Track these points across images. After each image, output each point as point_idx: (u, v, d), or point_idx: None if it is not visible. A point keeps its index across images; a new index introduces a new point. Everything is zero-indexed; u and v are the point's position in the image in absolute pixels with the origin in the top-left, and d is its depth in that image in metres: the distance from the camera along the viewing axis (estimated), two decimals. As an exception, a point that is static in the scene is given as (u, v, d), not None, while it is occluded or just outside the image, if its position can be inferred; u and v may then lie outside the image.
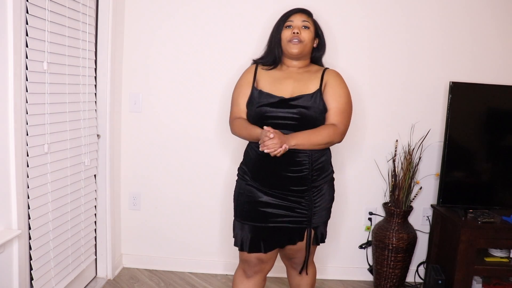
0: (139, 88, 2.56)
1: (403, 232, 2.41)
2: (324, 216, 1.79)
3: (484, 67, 2.51)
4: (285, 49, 1.75)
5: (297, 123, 1.67)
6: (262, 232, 1.72)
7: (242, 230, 1.75)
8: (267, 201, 1.70)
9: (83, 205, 2.25)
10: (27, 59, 1.71)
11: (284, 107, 1.67)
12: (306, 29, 1.74)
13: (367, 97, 2.53)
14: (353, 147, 2.57)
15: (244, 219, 1.74)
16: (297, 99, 1.68)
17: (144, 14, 2.49)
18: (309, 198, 1.70)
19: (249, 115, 1.75)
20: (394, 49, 2.50)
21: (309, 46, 1.76)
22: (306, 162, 1.67)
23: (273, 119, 1.67)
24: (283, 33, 1.74)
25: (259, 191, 1.71)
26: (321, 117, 1.70)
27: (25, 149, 1.74)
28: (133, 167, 2.63)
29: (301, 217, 1.71)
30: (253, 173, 1.73)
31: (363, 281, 2.67)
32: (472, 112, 2.32)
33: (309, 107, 1.67)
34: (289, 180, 1.68)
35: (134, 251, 2.71)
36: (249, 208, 1.73)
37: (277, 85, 1.74)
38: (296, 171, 1.67)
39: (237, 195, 1.79)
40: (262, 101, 1.70)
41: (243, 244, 1.74)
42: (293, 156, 1.65)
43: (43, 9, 1.78)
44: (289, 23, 1.74)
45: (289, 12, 1.77)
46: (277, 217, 1.70)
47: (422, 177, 2.55)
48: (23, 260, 1.74)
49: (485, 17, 2.48)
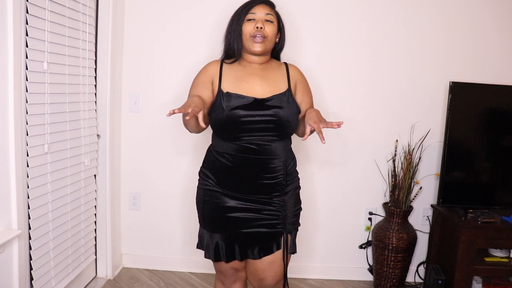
0: (139, 88, 2.56)
1: (403, 232, 2.41)
2: (296, 222, 1.68)
3: (484, 67, 2.51)
4: (247, 45, 1.58)
5: (274, 126, 1.54)
6: (235, 238, 1.61)
7: (212, 240, 1.62)
8: (235, 205, 1.58)
9: (83, 205, 2.25)
10: (27, 59, 1.71)
11: (259, 109, 1.53)
12: (269, 23, 1.58)
13: (367, 97, 2.53)
14: (353, 147, 2.57)
15: (213, 229, 1.62)
16: (271, 99, 1.55)
17: (144, 14, 2.49)
18: (281, 201, 1.60)
19: (216, 121, 1.56)
20: (394, 49, 2.50)
21: (272, 42, 1.61)
22: (281, 168, 1.58)
23: (248, 124, 1.52)
24: (244, 26, 1.57)
25: (224, 195, 1.59)
26: (295, 119, 1.60)
27: (25, 149, 1.74)
28: (133, 167, 2.63)
29: (274, 219, 1.59)
30: (221, 180, 1.60)
31: (363, 281, 2.67)
32: (472, 112, 2.32)
33: (283, 107, 1.55)
34: (263, 187, 1.58)
35: (134, 251, 2.71)
36: (216, 216, 1.60)
37: (243, 84, 1.58)
38: (271, 177, 1.57)
39: (201, 202, 1.65)
40: (232, 103, 1.52)
41: (219, 254, 1.62)
42: (269, 162, 1.56)
43: (43, 9, 1.78)
44: (251, 16, 1.57)
45: (251, 3, 1.59)
46: (248, 222, 1.58)
47: (422, 177, 2.55)
48: (23, 260, 1.74)
49: (485, 17, 2.48)
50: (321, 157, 2.58)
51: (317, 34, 2.48)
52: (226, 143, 1.58)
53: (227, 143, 1.58)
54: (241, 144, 1.55)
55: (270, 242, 1.61)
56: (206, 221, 1.65)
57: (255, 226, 1.59)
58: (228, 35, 1.64)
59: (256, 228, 1.59)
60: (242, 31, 1.58)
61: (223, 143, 1.59)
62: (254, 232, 1.59)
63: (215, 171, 1.62)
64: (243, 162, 1.55)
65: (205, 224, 1.66)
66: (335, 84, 2.51)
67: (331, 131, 2.54)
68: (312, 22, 2.47)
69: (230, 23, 1.64)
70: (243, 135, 1.54)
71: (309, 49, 2.49)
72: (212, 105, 1.57)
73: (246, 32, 1.58)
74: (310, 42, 2.49)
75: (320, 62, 2.49)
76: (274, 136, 1.56)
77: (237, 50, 1.61)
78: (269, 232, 1.60)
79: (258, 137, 1.54)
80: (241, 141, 1.55)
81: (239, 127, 1.53)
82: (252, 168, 1.55)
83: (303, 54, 2.48)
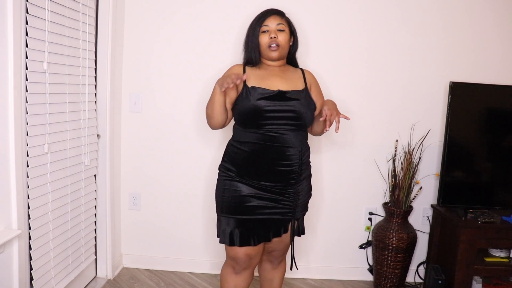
0: (139, 88, 2.56)
1: (403, 232, 2.41)
2: (304, 209, 1.89)
3: (484, 67, 2.51)
4: (265, 54, 1.81)
5: (293, 116, 1.72)
6: (249, 225, 1.75)
7: (229, 225, 1.77)
8: (253, 194, 1.74)
9: (83, 205, 2.25)
10: (27, 59, 1.71)
11: (280, 100, 1.72)
12: (281, 32, 1.79)
13: (367, 97, 2.53)
14: (353, 147, 2.57)
15: (231, 213, 1.76)
16: (291, 92, 1.75)
17: (144, 14, 2.49)
18: (294, 190, 1.78)
19: (241, 111, 1.74)
20: (394, 49, 2.50)
21: (286, 48, 1.83)
22: (296, 157, 1.75)
23: (271, 113, 1.70)
24: (261, 38, 1.79)
25: (243, 185, 1.75)
26: (311, 113, 1.78)
27: (25, 149, 1.74)
28: (133, 167, 2.63)
29: (286, 208, 1.78)
30: (242, 169, 1.75)
31: (363, 281, 2.67)
32: (472, 112, 2.32)
33: (301, 100, 1.75)
34: (279, 174, 1.74)
35: (134, 251, 2.71)
36: (235, 202, 1.76)
37: (266, 81, 1.77)
38: (287, 165, 1.73)
39: (221, 191, 1.81)
40: (257, 95, 1.71)
41: (233, 239, 1.75)
42: (285, 151, 1.72)
43: (43, 9, 1.78)
44: (265, 28, 1.79)
45: (263, 16, 1.81)
46: (263, 209, 1.75)
47: (422, 177, 2.56)
48: (23, 260, 1.74)
49: (485, 17, 2.48)
50: (321, 157, 2.58)
51: (317, 34, 2.48)
52: (248, 133, 1.75)
53: (248, 133, 1.75)
54: (262, 133, 1.72)
55: (280, 227, 1.81)
56: (224, 208, 1.79)
57: (269, 214, 1.76)
58: (246, 45, 1.85)
59: (270, 215, 1.77)
60: (260, 43, 1.80)
61: (244, 133, 1.76)
62: (268, 218, 1.77)
63: (235, 162, 1.78)
64: (263, 150, 1.72)
65: (222, 210, 1.80)
66: (335, 84, 2.51)
67: (331, 131, 2.55)
68: (312, 22, 2.47)
69: (247, 34, 1.85)
70: (264, 123, 1.71)
71: (310, 49, 2.49)
72: (238, 98, 1.76)
73: (263, 43, 1.80)
74: (311, 42, 2.49)
75: (320, 62, 2.49)
76: (292, 126, 1.73)
77: (255, 58, 1.83)
78: (281, 219, 1.80)
79: (278, 126, 1.71)
80: (262, 130, 1.72)
81: (262, 116, 1.70)
82: (270, 155, 1.72)
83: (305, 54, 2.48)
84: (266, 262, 1.99)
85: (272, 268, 1.99)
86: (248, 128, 1.75)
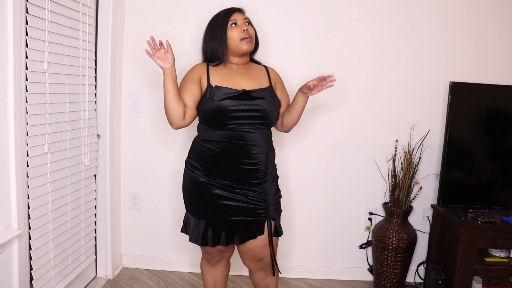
0: (139, 88, 2.56)
1: (403, 232, 2.41)
2: (278, 208, 1.85)
3: (484, 67, 2.51)
4: (237, 47, 1.76)
5: (258, 115, 1.72)
6: (221, 225, 1.78)
7: (199, 226, 1.80)
8: (222, 194, 1.74)
9: (83, 205, 2.25)
10: (27, 59, 1.71)
11: (246, 99, 1.72)
12: (249, 25, 1.80)
13: (367, 97, 2.53)
14: (353, 147, 2.57)
15: (201, 216, 1.79)
16: (256, 91, 1.75)
17: (144, 14, 2.49)
18: (263, 190, 1.77)
19: (206, 111, 1.72)
20: (394, 49, 2.50)
21: (254, 40, 1.82)
22: (261, 156, 1.75)
23: (236, 112, 1.69)
24: (230, 32, 1.75)
25: (211, 186, 1.75)
26: (276, 110, 1.79)
27: (25, 149, 1.74)
28: (133, 167, 2.63)
29: (257, 209, 1.76)
30: (208, 167, 1.75)
31: (363, 281, 2.67)
32: (472, 112, 2.32)
33: (266, 99, 1.76)
34: (245, 173, 1.73)
35: (134, 251, 2.71)
36: (204, 205, 1.77)
37: (230, 80, 1.76)
38: (253, 163, 1.73)
39: (189, 192, 1.81)
40: (221, 95, 1.70)
41: (205, 240, 1.79)
42: (251, 149, 1.72)
43: (43, 9, 1.78)
44: (233, 22, 1.77)
45: (229, 11, 1.79)
46: (234, 210, 1.75)
47: (422, 177, 2.56)
48: (23, 260, 1.74)
49: (485, 17, 2.48)
50: (321, 157, 2.58)
51: (317, 34, 2.48)
52: (213, 131, 1.74)
53: (214, 131, 1.74)
54: (227, 132, 1.72)
55: (253, 228, 1.78)
56: (194, 209, 1.82)
57: (240, 215, 1.76)
58: (211, 41, 1.80)
59: (242, 216, 1.76)
60: (229, 36, 1.76)
61: (210, 131, 1.75)
62: (240, 220, 1.76)
63: (201, 160, 1.77)
64: (228, 148, 1.71)
65: (193, 211, 1.82)
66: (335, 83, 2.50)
67: (331, 131, 2.55)
68: (312, 21, 2.47)
69: (211, 31, 1.80)
70: (230, 123, 1.70)
71: (310, 49, 2.49)
72: (202, 98, 1.74)
73: (233, 36, 1.75)
74: (311, 42, 2.49)
75: (320, 62, 2.49)
76: (257, 125, 1.74)
77: (222, 54, 1.78)
78: (254, 220, 1.77)
79: (243, 125, 1.71)
80: (227, 129, 1.71)
81: (227, 116, 1.69)
82: (236, 153, 1.72)
83: (305, 54, 2.48)
84: (258, 271, 1.89)
85: (265, 275, 1.90)
86: (213, 127, 1.74)
